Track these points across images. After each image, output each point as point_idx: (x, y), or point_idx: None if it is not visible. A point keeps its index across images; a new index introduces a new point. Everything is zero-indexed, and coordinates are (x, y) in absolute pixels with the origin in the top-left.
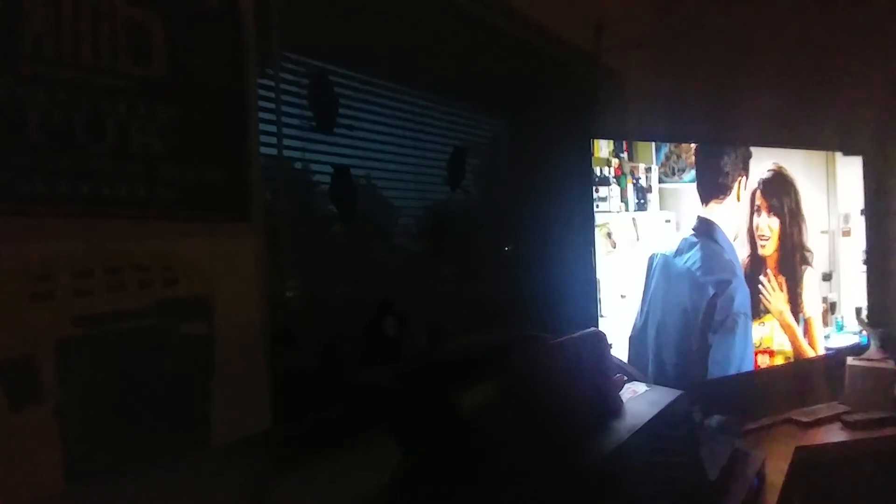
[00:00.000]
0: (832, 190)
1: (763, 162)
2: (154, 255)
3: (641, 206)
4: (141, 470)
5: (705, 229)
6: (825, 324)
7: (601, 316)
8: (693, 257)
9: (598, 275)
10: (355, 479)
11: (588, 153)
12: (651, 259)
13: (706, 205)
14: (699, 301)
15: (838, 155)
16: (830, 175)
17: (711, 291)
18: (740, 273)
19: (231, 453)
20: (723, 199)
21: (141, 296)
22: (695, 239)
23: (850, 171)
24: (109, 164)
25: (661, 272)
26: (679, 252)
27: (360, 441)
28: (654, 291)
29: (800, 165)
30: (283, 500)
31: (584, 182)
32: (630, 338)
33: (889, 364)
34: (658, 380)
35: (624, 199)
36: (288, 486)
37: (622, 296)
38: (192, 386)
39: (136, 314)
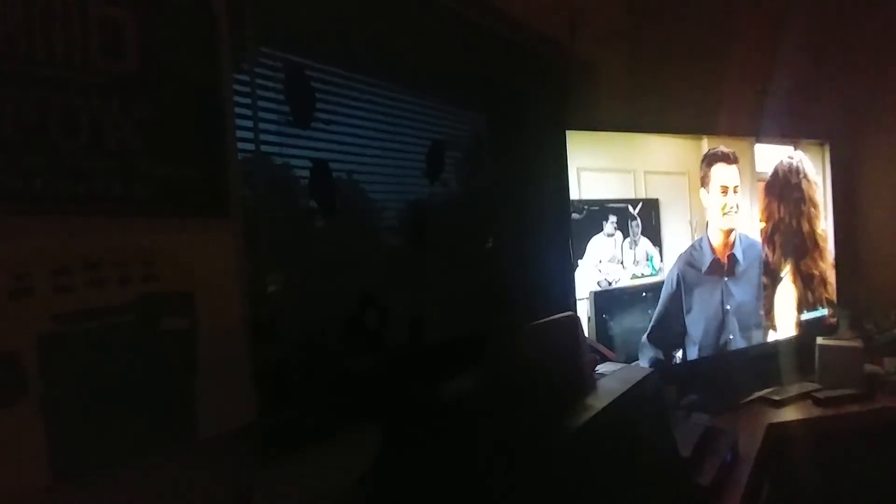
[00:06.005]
0: None
1: None
2: (133, 251)
3: None
4: (127, 464)
5: None
6: None
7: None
8: None
9: None
10: (340, 469)
11: (563, 143)
12: None
13: None
14: None
15: None
16: None
17: None
18: None
19: (216, 446)
20: None
21: (121, 292)
22: None
23: None
24: (84, 160)
25: None
26: None
27: (344, 432)
28: None
29: None
30: (268, 492)
31: (559, 171)
32: None
33: (857, 343)
34: None
35: None
36: (273, 477)
37: None
38: (176, 380)
39: (116, 310)
